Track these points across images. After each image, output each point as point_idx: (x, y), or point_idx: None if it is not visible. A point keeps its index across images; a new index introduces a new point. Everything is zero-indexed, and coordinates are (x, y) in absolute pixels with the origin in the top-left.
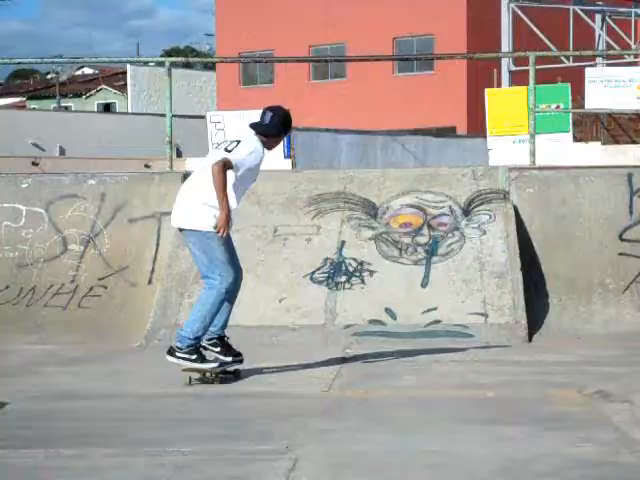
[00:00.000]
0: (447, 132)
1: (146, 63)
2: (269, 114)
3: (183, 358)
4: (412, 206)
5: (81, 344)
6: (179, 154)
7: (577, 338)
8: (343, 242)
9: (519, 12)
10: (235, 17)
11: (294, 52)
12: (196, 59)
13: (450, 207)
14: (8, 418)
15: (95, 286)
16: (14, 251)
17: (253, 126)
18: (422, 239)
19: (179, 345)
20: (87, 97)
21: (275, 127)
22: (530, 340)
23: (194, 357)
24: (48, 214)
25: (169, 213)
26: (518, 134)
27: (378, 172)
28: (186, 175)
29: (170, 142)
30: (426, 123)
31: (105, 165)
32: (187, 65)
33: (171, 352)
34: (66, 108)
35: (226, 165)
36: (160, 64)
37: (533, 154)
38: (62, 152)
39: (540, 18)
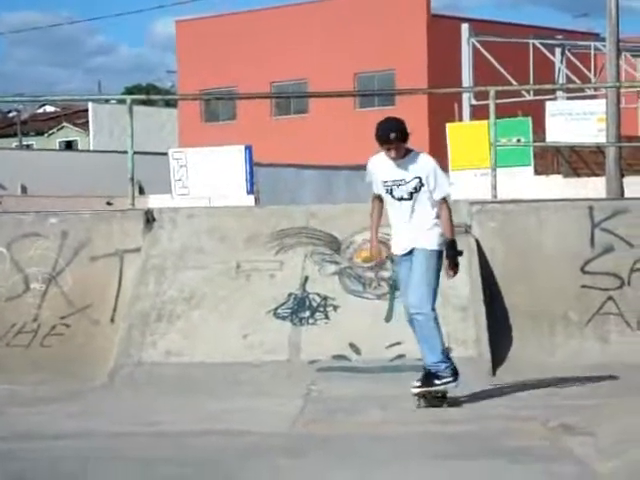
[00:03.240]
0: None
1: (107, 101)
2: None
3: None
4: None
5: (44, 383)
6: (142, 191)
7: (541, 371)
8: (306, 277)
9: (479, 46)
10: (196, 54)
11: (256, 88)
12: (157, 96)
13: None
14: None
15: (58, 325)
16: None
17: None
18: (385, 273)
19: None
20: (49, 135)
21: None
22: (494, 374)
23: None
24: (10, 253)
25: (131, 250)
26: (480, 168)
27: (341, 207)
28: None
29: (132, 179)
30: None
31: (67, 203)
32: (149, 102)
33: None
34: (28, 146)
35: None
36: (122, 101)
37: (494, 188)
38: (24, 190)
39: (500, 52)
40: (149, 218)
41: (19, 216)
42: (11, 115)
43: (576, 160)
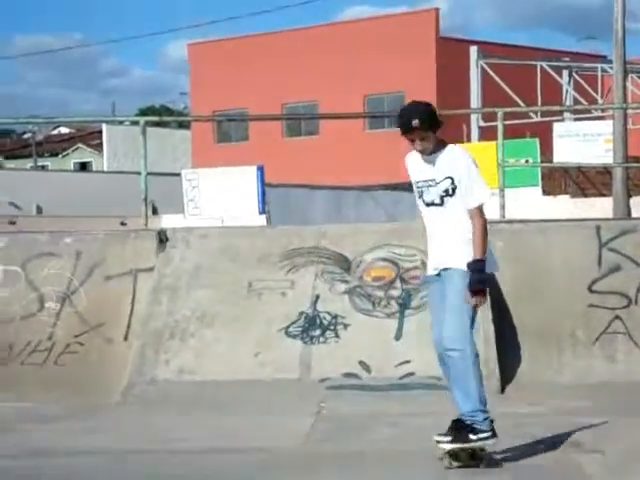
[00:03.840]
0: None
1: (121, 122)
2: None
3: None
4: (385, 260)
5: (58, 401)
6: (155, 211)
7: (549, 389)
8: (317, 296)
9: (487, 69)
10: (209, 76)
11: (268, 110)
12: (170, 118)
13: (422, 260)
14: None
15: (72, 343)
16: None
17: None
18: (395, 292)
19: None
20: (63, 156)
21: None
22: (502, 392)
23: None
24: (25, 272)
25: (145, 270)
26: (489, 188)
27: (351, 227)
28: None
29: (145, 200)
30: (397, 178)
31: (82, 223)
32: (162, 124)
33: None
34: (43, 167)
35: None
36: (135, 123)
37: (503, 208)
38: (39, 211)
39: (508, 74)
40: (162, 238)
41: (34, 235)
42: (26, 136)
43: (583, 180)
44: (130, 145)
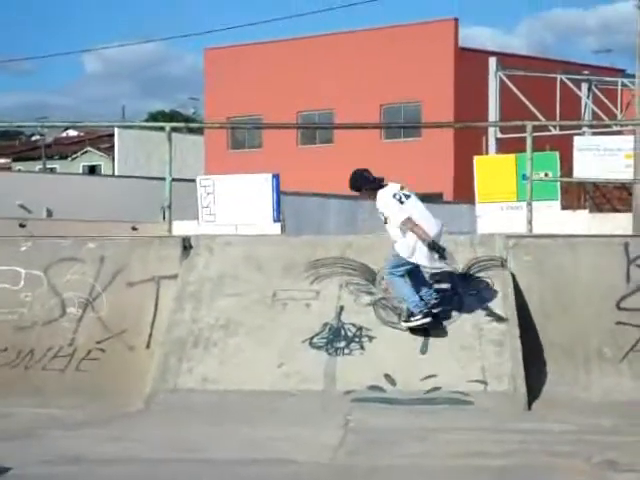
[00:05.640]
0: (434, 198)
1: (142, 127)
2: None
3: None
4: None
5: (80, 408)
6: (164, 217)
7: (576, 406)
8: (342, 307)
9: (506, 80)
10: (224, 82)
11: (282, 118)
12: (195, 124)
13: (448, 274)
14: None
15: (93, 349)
16: (12, 314)
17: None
18: None
19: None
20: (72, 159)
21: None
22: (529, 408)
23: None
24: (47, 277)
25: (168, 277)
26: (506, 201)
27: (376, 238)
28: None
29: (169, 207)
30: (413, 189)
31: (92, 227)
32: (175, 129)
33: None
34: (51, 170)
35: None
36: (160, 128)
37: (530, 222)
38: (49, 214)
39: (527, 86)
40: (186, 245)
41: (57, 240)
42: (34, 139)
43: (599, 195)
44: (141, 149)
